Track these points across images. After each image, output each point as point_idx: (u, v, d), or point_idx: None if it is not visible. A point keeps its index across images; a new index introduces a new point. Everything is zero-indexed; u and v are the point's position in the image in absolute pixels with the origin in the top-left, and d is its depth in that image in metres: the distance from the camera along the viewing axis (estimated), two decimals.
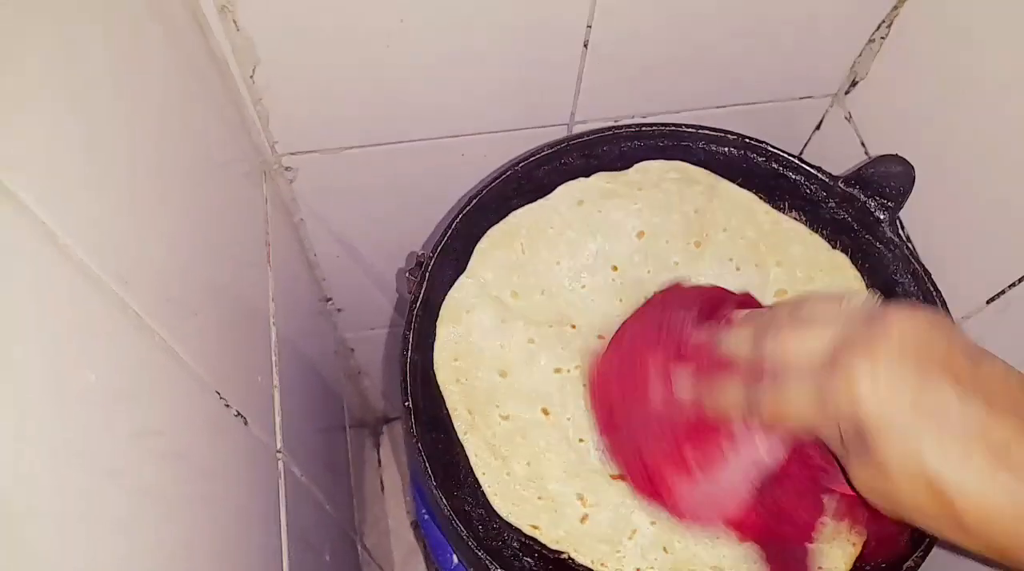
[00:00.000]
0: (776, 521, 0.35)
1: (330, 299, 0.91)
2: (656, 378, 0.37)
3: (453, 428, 0.47)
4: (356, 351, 1.05)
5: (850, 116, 0.72)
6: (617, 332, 0.44)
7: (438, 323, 0.49)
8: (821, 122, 0.76)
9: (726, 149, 0.56)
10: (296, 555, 0.58)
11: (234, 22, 0.54)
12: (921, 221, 0.60)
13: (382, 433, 1.27)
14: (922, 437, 0.27)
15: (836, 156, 0.74)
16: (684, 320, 0.39)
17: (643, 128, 0.55)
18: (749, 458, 0.34)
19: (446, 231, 0.51)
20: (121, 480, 0.33)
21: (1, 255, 0.27)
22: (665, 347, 0.38)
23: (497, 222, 0.51)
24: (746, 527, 0.36)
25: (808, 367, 0.30)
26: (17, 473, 0.26)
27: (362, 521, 1.09)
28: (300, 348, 0.73)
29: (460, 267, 0.51)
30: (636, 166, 0.54)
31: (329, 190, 0.73)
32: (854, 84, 0.71)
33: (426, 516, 0.65)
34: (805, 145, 0.79)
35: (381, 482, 1.23)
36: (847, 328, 0.30)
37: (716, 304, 0.42)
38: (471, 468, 0.46)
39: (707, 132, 0.56)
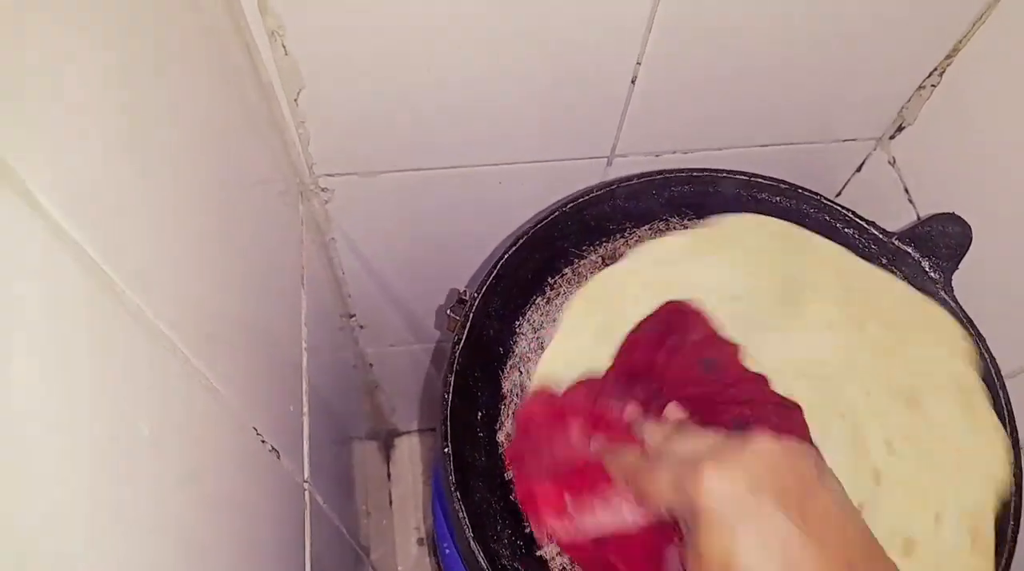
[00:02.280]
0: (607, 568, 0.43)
1: (353, 315, 0.90)
2: (575, 429, 0.45)
3: (494, 478, 0.46)
4: (374, 366, 1.04)
5: (894, 161, 0.71)
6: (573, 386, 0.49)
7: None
8: (862, 165, 0.75)
9: (778, 198, 0.55)
10: None
11: (283, 46, 0.53)
12: (962, 278, 0.59)
13: (393, 447, 1.26)
14: (734, 536, 0.33)
15: (876, 200, 0.73)
16: (623, 403, 0.46)
17: (693, 174, 0.54)
18: (612, 514, 0.41)
19: (491, 271, 0.50)
20: (165, 533, 0.32)
21: (55, 305, 0.26)
22: (594, 414, 0.45)
23: (544, 265, 0.50)
24: (581, 559, 0.44)
25: (684, 459, 0.37)
26: (65, 537, 0.25)
27: (368, 535, 1.08)
28: (324, 366, 0.73)
29: (502, 307, 0.50)
30: (714, 218, 0.54)
31: (363, 212, 0.72)
32: (900, 129, 0.70)
33: (448, 551, 0.64)
34: (844, 186, 0.78)
35: (390, 495, 1.23)
36: (722, 442, 0.37)
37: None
38: (506, 522, 0.45)
39: (760, 180, 0.55)
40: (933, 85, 0.66)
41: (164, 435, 0.32)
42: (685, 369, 0.48)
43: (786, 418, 0.47)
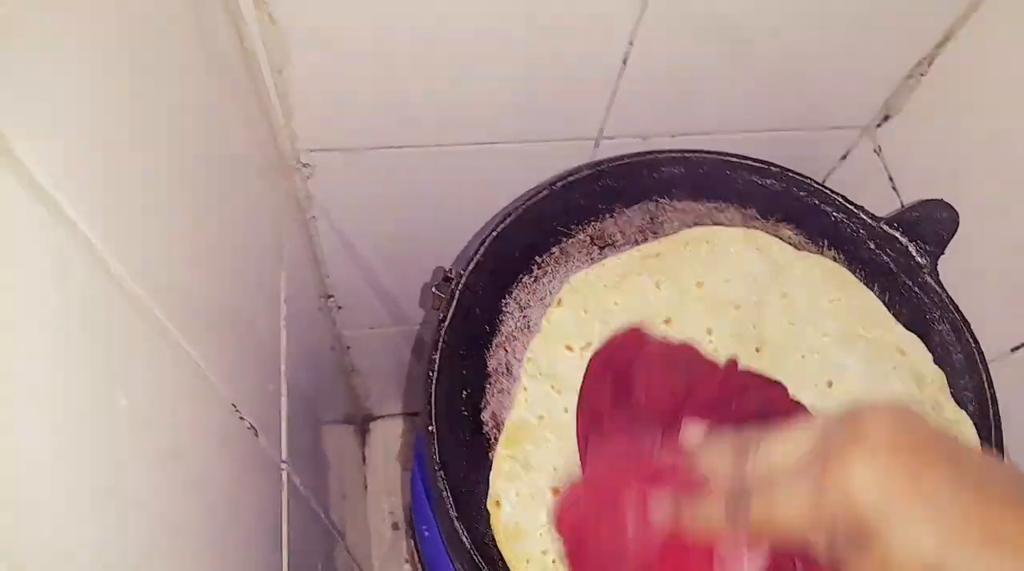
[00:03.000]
0: None
1: (331, 296, 0.89)
2: (632, 507, 0.35)
3: (478, 457, 0.45)
4: (352, 349, 1.03)
5: (879, 150, 0.72)
6: (586, 467, 0.43)
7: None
8: (848, 153, 0.75)
9: (768, 181, 0.55)
10: (294, 565, 0.56)
11: (269, 15, 0.52)
12: (947, 263, 0.59)
13: (368, 431, 1.24)
14: (922, 523, 0.27)
15: (860, 188, 0.73)
16: (652, 442, 0.38)
17: (685, 154, 0.54)
18: (735, 567, 0.33)
19: (479, 247, 0.49)
20: (145, 508, 0.31)
21: (39, 270, 0.24)
22: (641, 475, 0.36)
23: (532, 243, 0.50)
24: None
25: (796, 470, 0.30)
26: (43, 508, 0.24)
27: (343, 519, 1.07)
28: (301, 346, 0.71)
29: (489, 286, 0.50)
30: (689, 233, 0.53)
31: (345, 189, 0.71)
32: (887, 118, 0.70)
33: (427, 533, 0.63)
34: (830, 173, 0.78)
35: (364, 480, 1.21)
36: (828, 430, 0.30)
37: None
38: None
39: (750, 163, 0.54)
40: (921, 75, 0.66)
41: (143, 407, 0.31)
42: (667, 386, 0.43)
43: (783, 389, 0.46)
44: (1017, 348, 0.57)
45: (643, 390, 0.43)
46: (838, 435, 0.29)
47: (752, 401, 0.43)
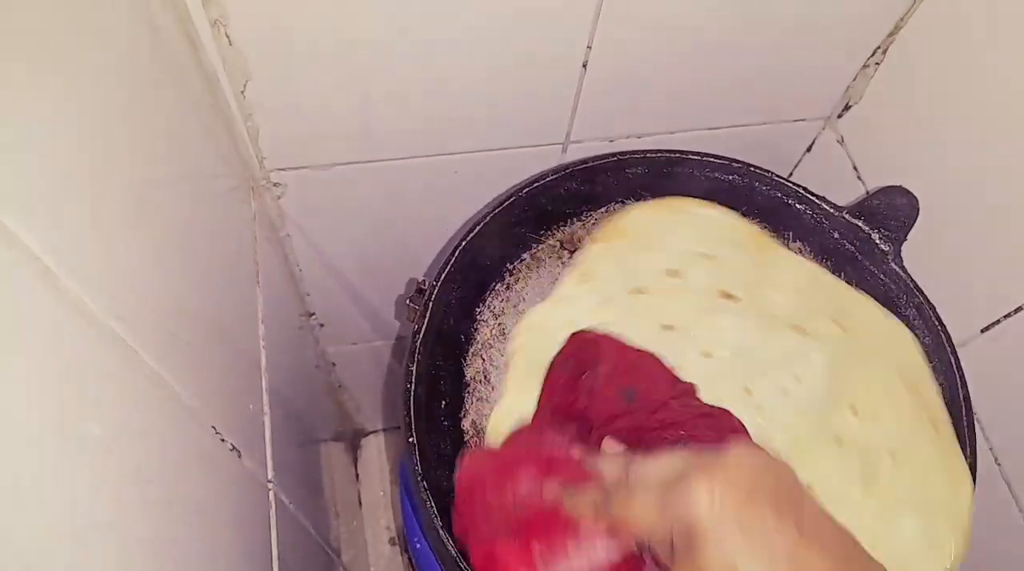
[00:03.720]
0: None
1: (313, 314, 0.89)
2: (526, 480, 0.42)
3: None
4: (337, 365, 1.03)
5: (842, 139, 0.73)
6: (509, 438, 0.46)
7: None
8: (812, 145, 0.76)
9: (731, 177, 0.56)
10: None
11: (227, 36, 0.52)
12: (914, 249, 0.60)
13: (360, 447, 1.24)
14: (739, 550, 0.32)
15: (827, 179, 0.75)
16: (569, 439, 0.44)
17: (648, 155, 0.55)
18: (587, 555, 0.39)
19: (449, 258, 0.50)
20: (117, 533, 0.31)
21: (14, 303, 0.25)
22: (541, 459, 0.43)
23: (503, 251, 0.50)
24: None
25: (658, 481, 0.36)
26: (9, 534, 0.24)
27: (338, 537, 1.07)
28: (284, 366, 0.71)
29: (462, 295, 0.50)
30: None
31: (317, 206, 0.71)
32: (847, 108, 0.71)
33: (419, 545, 0.64)
34: (795, 166, 0.80)
35: (359, 496, 1.21)
36: (697, 459, 0.36)
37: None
38: None
39: (712, 160, 0.55)
40: (877, 63, 0.67)
41: (118, 435, 0.31)
42: (609, 403, 0.47)
43: (719, 427, 0.47)
44: (987, 328, 0.58)
45: (587, 393, 0.46)
46: (699, 462, 0.35)
47: (684, 433, 0.46)
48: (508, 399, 0.47)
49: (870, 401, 0.49)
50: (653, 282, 0.52)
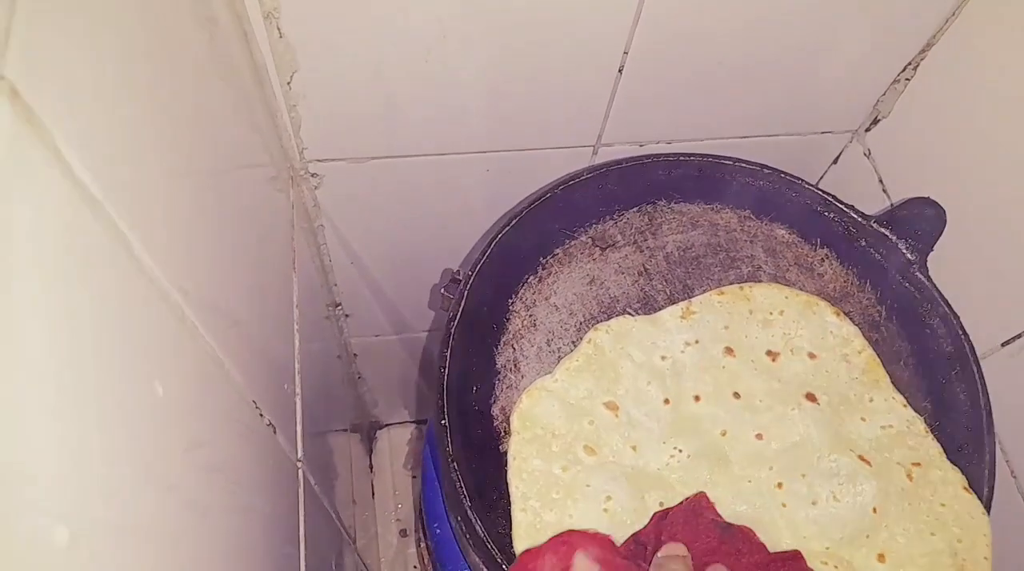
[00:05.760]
0: None
1: (339, 304, 0.91)
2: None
3: (490, 450, 0.47)
4: (358, 357, 1.05)
5: (869, 153, 0.74)
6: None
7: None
8: (839, 156, 0.78)
9: (761, 182, 0.57)
10: (311, 565, 0.57)
11: (278, 29, 0.54)
12: (939, 261, 0.61)
13: (375, 439, 1.26)
14: None
15: (852, 191, 0.75)
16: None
17: (681, 158, 0.56)
18: None
19: (485, 250, 0.51)
20: (176, 495, 0.33)
21: (84, 265, 0.26)
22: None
23: (537, 245, 0.51)
24: None
25: None
26: (83, 489, 0.26)
27: (352, 525, 1.08)
28: (311, 353, 0.73)
29: (497, 286, 0.52)
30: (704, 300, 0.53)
31: (351, 198, 0.73)
32: (876, 122, 0.72)
33: (438, 531, 0.65)
34: (821, 177, 0.81)
35: (372, 487, 1.23)
36: None
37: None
38: (503, 492, 0.46)
39: (744, 165, 0.56)
40: (907, 79, 0.68)
41: (174, 398, 0.33)
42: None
43: None
44: (1007, 342, 0.58)
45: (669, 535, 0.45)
46: None
47: None
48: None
49: (905, 557, 0.47)
50: (750, 353, 0.52)
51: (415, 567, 1.17)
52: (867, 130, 0.74)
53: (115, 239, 0.28)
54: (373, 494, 1.22)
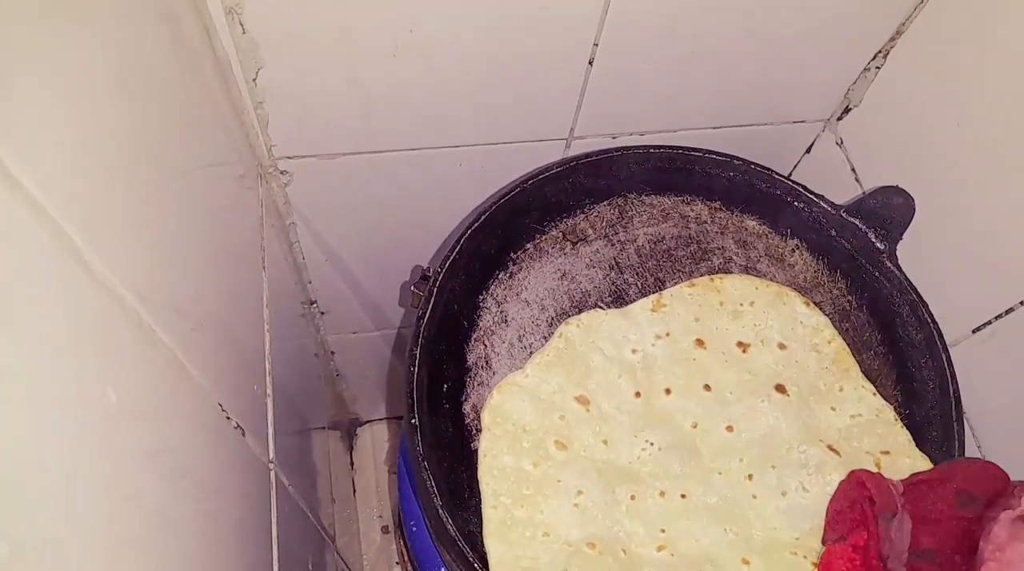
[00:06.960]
0: None
1: (314, 302, 0.90)
2: None
3: (461, 448, 0.47)
4: (336, 354, 1.04)
5: (841, 142, 0.74)
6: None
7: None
8: (812, 146, 0.78)
9: (731, 174, 0.57)
10: (285, 566, 0.57)
11: (240, 24, 0.53)
12: (910, 250, 0.61)
13: (356, 436, 1.25)
14: None
15: (825, 180, 0.76)
16: None
17: (651, 150, 0.56)
18: None
19: (455, 246, 0.51)
20: (136, 503, 0.32)
21: (29, 272, 0.26)
22: None
23: (507, 240, 0.51)
24: None
25: None
26: (37, 503, 0.25)
27: (332, 524, 1.08)
28: (286, 352, 0.72)
29: (467, 283, 0.51)
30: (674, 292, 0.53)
31: (323, 195, 0.72)
32: (847, 111, 0.72)
33: (415, 528, 0.65)
34: (795, 167, 0.81)
35: (353, 485, 1.22)
36: None
37: None
38: (475, 489, 0.46)
39: (714, 157, 0.56)
40: (878, 67, 0.68)
41: (130, 403, 0.32)
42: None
43: None
44: (978, 329, 0.59)
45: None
46: None
47: None
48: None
49: None
50: (720, 345, 0.52)
51: (397, 563, 1.17)
52: (839, 119, 0.74)
53: (61, 245, 0.28)
54: (355, 491, 1.22)
